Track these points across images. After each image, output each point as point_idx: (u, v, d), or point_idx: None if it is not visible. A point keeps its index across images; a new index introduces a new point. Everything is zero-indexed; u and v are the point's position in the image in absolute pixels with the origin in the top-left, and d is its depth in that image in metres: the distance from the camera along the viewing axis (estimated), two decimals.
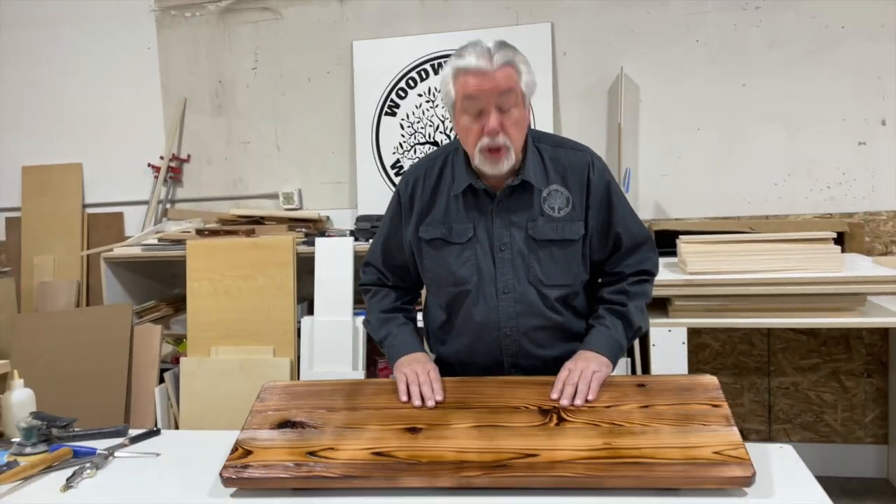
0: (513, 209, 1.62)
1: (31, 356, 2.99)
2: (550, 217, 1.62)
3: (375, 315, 1.79)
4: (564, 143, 1.70)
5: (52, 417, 1.65)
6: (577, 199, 1.63)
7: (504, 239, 1.62)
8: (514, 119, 1.52)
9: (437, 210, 1.66)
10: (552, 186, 1.63)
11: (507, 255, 1.62)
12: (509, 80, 1.49)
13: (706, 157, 3.18)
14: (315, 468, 1.33)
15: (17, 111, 3.84)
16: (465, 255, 1.63)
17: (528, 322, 1.64)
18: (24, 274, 3.78)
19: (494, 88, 1.48)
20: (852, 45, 3.01)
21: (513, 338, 1.65)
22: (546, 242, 1.61)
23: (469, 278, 1.63)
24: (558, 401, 1.48)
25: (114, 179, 3.77)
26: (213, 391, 2.95)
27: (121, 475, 1.49)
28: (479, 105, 1.50)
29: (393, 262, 1.78)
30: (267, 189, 3.61)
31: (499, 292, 1.63)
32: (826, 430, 3.16)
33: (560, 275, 1.63)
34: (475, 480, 1.28)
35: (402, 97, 3.37)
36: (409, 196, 1.70)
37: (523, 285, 1.62)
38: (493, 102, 1.49)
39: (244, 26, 3.56)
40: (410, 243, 1.70)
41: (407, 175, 1.73)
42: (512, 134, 1.52)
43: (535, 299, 1.63)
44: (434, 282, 1.70)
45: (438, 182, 1.67)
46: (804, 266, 2.43)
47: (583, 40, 3.24)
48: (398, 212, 1.73)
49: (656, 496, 1.25)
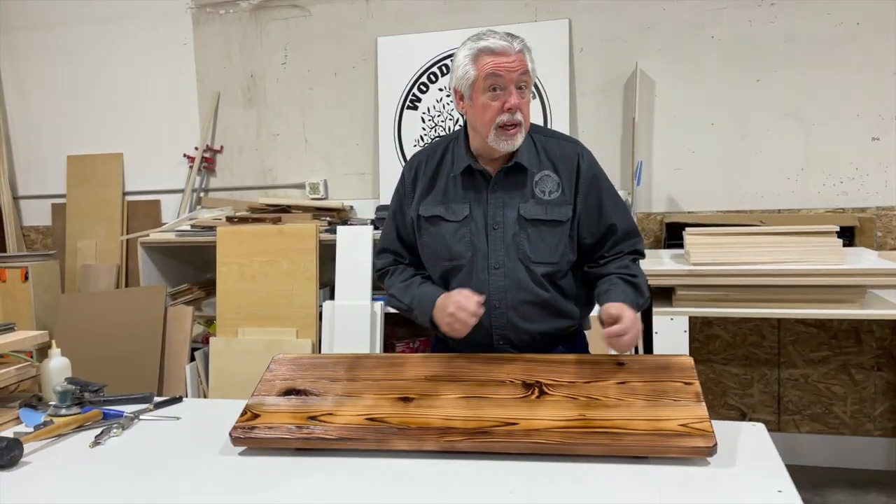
0: (506, 191, 1.74)
1: (73, 333, 3.20)
2: (541, 199, 1.73)
3: (396, 287, 1.85)
4: (556, 135, 1.84)
5: (84, 383, 1.82)
6: (567, 185, 1.75)
7: (497, 218, 1.74)
8: (528, 100, 1.67)
9: (437, 190, 1.79)
10: (544, 172, 1.75)
11: (499, 233, 1.74)
12: (526, 63, 1.65)
13: (720, 151, 3.23)
14: (315, 430, 1.47)
15: (63, 104, 4.07)
16: (461, 233, 1.76)
17: (516, 296, 1.74)
18: (69, 257, 4.01)
19: (517, 68, 1.63)
20: (867, 40, 3.04)
21: (501, 310, 1.75)
22: (535, 222, 1.73)
23: (463, 253, 1.76)
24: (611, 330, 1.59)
25: (152, 169, 3.97)
26: (239, 369, 3.12)
27: (144, 435, 1.65)
28: (501, 82, 1.63)
29: (407, 242, 1.88)
30: (295, 179, 3.77)
31: (490, 268, 1.74)
32: (835, 422, 3.20)
33: (547, 253, 1.74)
34: (458, 445, 1.41)
35: (423, 91, 3.49)
36: (412, 178, 1.83)
37: (513, 262, 1.74)
38: (515, 81, 1.63)
39: (274, 23, 3.72)
40: (412, 221, 1.83)
41: (411, 160, 1.87)
42: (525, 113, 1.67)
43: (524, 276, 1.74)
44: (431, 256, 1.82)
45: (439, 166, 1.81)
46: (805, 258, 2.49)
47: (599, 37, 3.31)
48: (403, 192, 1.86)
49: (625, 464, 1.35)
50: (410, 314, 1.81)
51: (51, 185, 4.13)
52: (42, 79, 4.09)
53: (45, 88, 4.09)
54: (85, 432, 1.66)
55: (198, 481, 1.38)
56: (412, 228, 1.84)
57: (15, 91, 4.14)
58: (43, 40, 4.05)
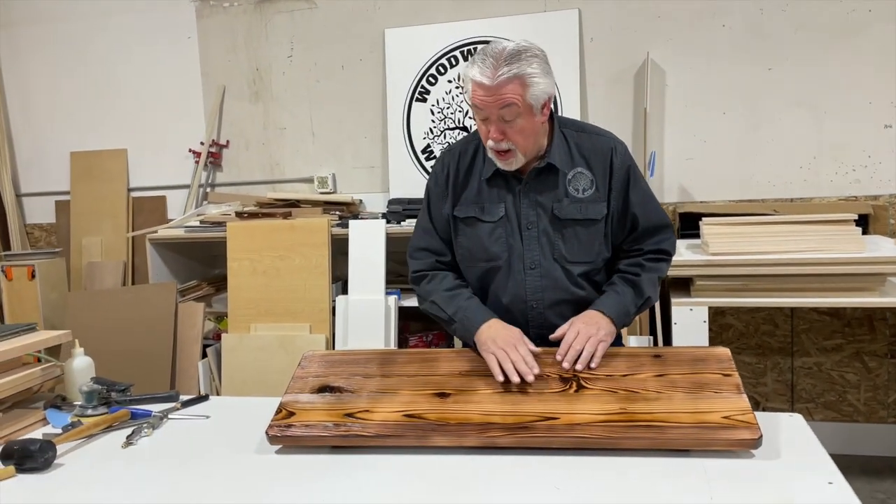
0: (539, 190, 1.72)
1: (82, 331, 3.13)
2: (575, 198, 1.71)
3: (439, 294, 1.78)
4: (588, 129, 1.80)
5: (111, 382, 1.80)
6: (601, 181, 1.73)
7: (531, 218, 1.73)
8: (519, 128, 1.61)
9: (471, 190, 1.77)
10: (577, 169, 1.73)
11: (533, 233, 1.72)
12: (511, 95, 1.56)
13: (732, 140, 3.23)
14: (352, 428, 1.45)
15: (66, 99, 4.03)
16: (497, 233, 1.74)
17: (553, 296, 1.74)
18: (73, 255, 3.97)
19: (495, 102, 1.57)
20: (879, 28, 3.03)
21: (538, 310, 1.75)
22: (570, 222, 1.72)
23: (500, 254, 1.74)
24: (561, 363, 1.57)
25: (157, 164, 3.93)
26: (252, 365, 3.10)
27: (175, 435, 1.63)
28: (483, 114, 1.61)
29: (446, 240, 1.83)
30: (302, 173, 3.74)
31: (526, 268, 1.73)
32: (849, 410, 3.21)
33: (583, 252, 1.73)
34: (499, 440, 1.39)
35: (432, 83, 3.47)
36: (445, 176, 1.81)
37: (548, 262, 1.73)
38: (496, 114, 1.59)
39: (280, 15, 3.68)
40: (447, 220, 1.80)
41: (443, 157, 1.85)
42: (516, 140, 1.62)
43: (560, 275, 1.73)
44: (466, 257, 1.80)
45: (472, 164, 1.78)
46: (825, 247, 2.48)
47: (610, 26, 3.30)
48: (436, 191, 1.83)
49: (668, 457, 1.34)
50: (449, 326, 1.76)
51: (54, 181, 4.09)
52: (44, 74, 4.04)
53: (48, 84, 4.04)
54: (115, 432, 1.64)
55: (237, 480, 1.37)
56: (448, 226, 1.81)
57: (17, 87, 4.09)
58: (45, 35, 4.00)
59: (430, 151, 3.49)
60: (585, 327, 1.64)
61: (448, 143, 3.45)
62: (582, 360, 1.57)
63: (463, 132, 3.43)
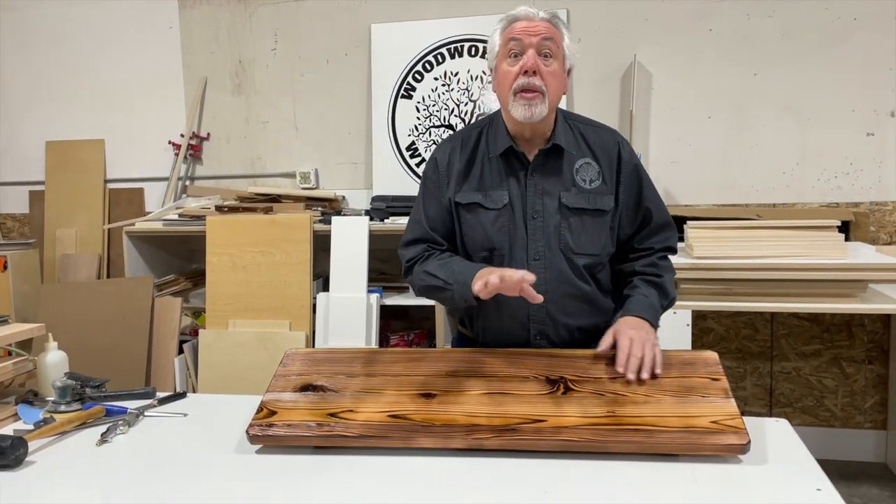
0: (546, 177, 1.67)
1: (55, 325, 3.06)
2: (582, 188, 1.68)
3: (431, 265, 1.70)
4: (593, 123, 1.77)
5: (85, 378, 1.74)
6: (608, 174, 1.70)
7: (536, 207, 1.67)
8: (553, 69, 1.59)
9: (473, 176, 1.71)
10: (584, 160, 1.69)
11: (538, 222, 1.67)
12: (552, 31, 1.60)
13: (716, 144, 3.24)
14: (335, 428, 1.42)
15: (42, 88, 3.94)
16: (500, 222, 1.68)
17: (557, 289, 1.68)
18: (47, 246, 3.89)
19: (538, 31, 1.58)
20: (864, 36, 3.05)
21: (540, 304, 1.64)
22: (578, 211, 1.67)
23: (503, 243, 1.68)
24: (625, 375, 1.50)
25: (135, 156, 3.86)
26: (230, 362, 3.05)
27: (152, 433, 1.58)
28: (520, 46, 1.59)
29: (442, 230, 1.76)
30: (284, 168, 3.69)
31: (529, 259, 1.67)
32: (826, 415, 3.23)
33: (589, 244, 1.69)
34: (485, 442, 1.37)
35: (418, 80, 3.43)
36: (446, 164, 1.74)
37: (553, 252, 1.67)
38: (535, 45, 1.58)
39: (264, 7, 3.63)
40: (449, 209, 1.73)
41: (443, 145, 1.78)
42: (548, 81, 1.58)
43: (565, 267, 1.68)
44: (468, 247, 1.73)
45: (475, 151, 1.73)
46: (808, 252, 2.50)
47: (598, 27, 3.29)
48: (436, 180, 1.76)
49: (656, 461, 1.33)
50: (444, 293, 1.65)
51: (29, 171, 3.99)
52: (20, 61, 3.94)
53: (24, 71, 3.94)
54: (89, 429, 1.59)
55: (215, 480, 1.33)
56: (449, 215, 1.74)
57: None
58: (21, 21, 3.91)
59: (414, 148, 3.46)
60: (636, 332, 1.57)
61: (434, 140, 3.42)
62: (646, 368, 1.50)
63: (449, 130, 3.41)
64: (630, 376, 1.50)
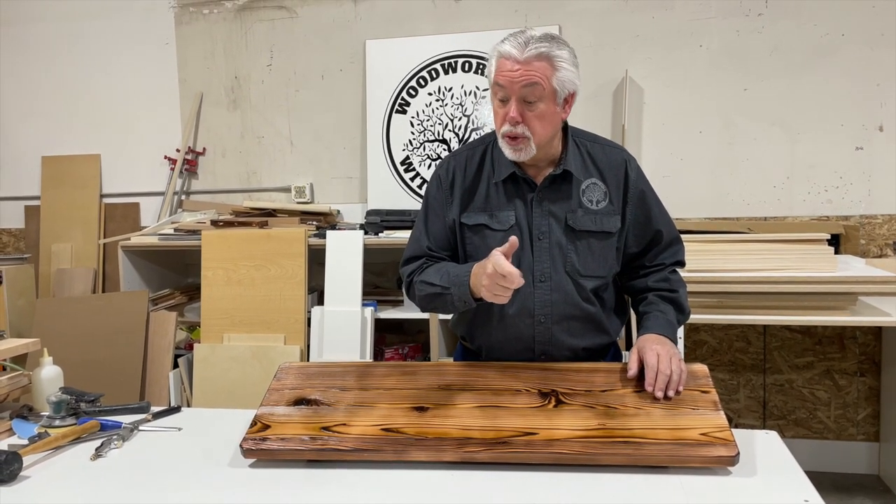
0: (552, 200, 1.67)
1: (50, 340, 3.07)
2: (589, 209, 1.67)
3: (428, 273, 1.68)
4: (600, 140, 1.76)
5: (80, 392, 1.75)
6: (615, 194, 1.69)
7: (542, 228, 1.67)
8: (539, 112, 1.55)
9: (479, 197, 1.69)
10: (591, 180, 1.68)
11: (544, 244, 1.67)
12: (538, 74, 1.52)
13: (707, 159, 3.27)
14: (329, 441, 1.43)
15: (38, 103, 3.96)
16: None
17: (562, 311, 1.67)
18: (42, 261, 3.90)
19: (520, 79, 1.52)
20: (852, 52, 3.10)
21: (546, 325, 1.68)
22: (585, 233, 1.66)
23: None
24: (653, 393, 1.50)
25: (131, 170, 3.88)
26: (225, 376, 3.06)
27: (146, 447, 1.59)
28: (504, 92, 1.56)
29: (445, 248, 1.75)
30: (279, 183, 3.72)
31: (535, 280, 1.66)
32: (819, 427, 3.25)
33: (596, 266, 1.68)
34: (477, 455, 1.38)
35: (412, 95, 3.47)
36: (450, 182, 1.72)
37: (559, 275, 1.66)
38: (518, 93, 1.53)
39: (260, 24, 3.66)
40: (453, 228, 1.72)
41: (446, 163, 1.75)
42: (533, 126, 1.56)
43: (571, 289, 1.67)
44: None
45: (479, 170, 1.71)
46: (798, 266, 2.52)
47: (589, 43, 3.33)
48: (439, 197, 1.74)
49: (646, 473, 1.34)
50: (443, 298, 1.64)
51: (24, 186, 4.01)
52: (16, 76, 3.97)
53: (20, 86, 3.97)
54: (83, 444, 1.60)
55: (209, 495, 1.34)
56: (453, 234, 1.73)
57: None
58: (18, 37, 3.94)
59: (409, 163, 3.48)
60: (661, 347, 1.57)
61: (428, 155, 3.45)
62: (673, 385, 1.50)
63: (443, 145, 3.44)
64: (658, 395, 1.50)
